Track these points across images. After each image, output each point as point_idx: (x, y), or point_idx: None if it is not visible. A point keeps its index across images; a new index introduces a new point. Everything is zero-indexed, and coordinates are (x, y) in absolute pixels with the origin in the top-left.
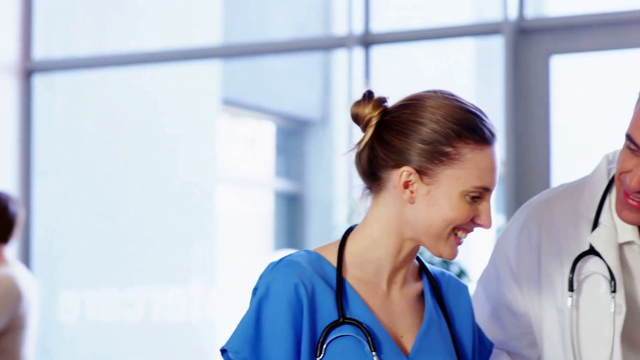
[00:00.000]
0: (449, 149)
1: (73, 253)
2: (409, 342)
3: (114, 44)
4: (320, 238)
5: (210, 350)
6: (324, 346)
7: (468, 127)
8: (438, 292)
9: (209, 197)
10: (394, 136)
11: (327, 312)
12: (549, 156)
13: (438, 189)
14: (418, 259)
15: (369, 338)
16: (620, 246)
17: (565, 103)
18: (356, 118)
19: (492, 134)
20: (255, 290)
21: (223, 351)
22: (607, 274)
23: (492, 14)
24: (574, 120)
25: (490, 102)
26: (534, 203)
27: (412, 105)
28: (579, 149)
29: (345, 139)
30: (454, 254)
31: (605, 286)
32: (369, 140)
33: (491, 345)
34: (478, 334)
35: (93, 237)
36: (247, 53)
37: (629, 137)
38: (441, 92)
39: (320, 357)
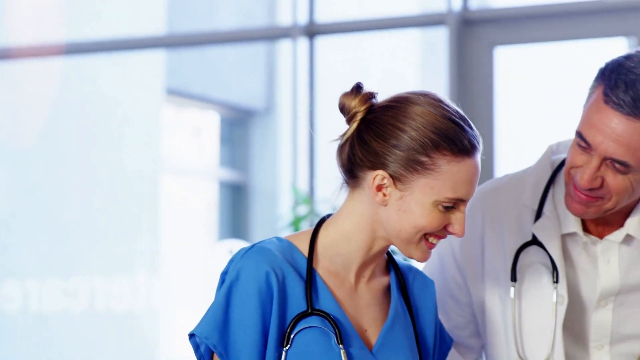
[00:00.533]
0: (424, 159)
1: (16, 242)
2: (373, 337)
3: (58, 32)
4: (265, 228)
5: (154, 339)
6: (292, 336)
7: (447, 137)
8: (404, 287)
9: (153, 186)
10: (373, 138)
11: (296, 301)
12: (492, 147)
13: (411, 196)
14: (387, 252)
15: (337, 330)
16: (563, 237)
17: (509, 94)
18: (342, 109)
19: (473, 145)
20: (224, 274)
21: (191, 335)
22: (549, 264)
23: (436, 4)
24: (518, 110)
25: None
26: (478, 193)
27: (396, 108)
28: (522, 140)
29: (289, 129)
30: (425, 258)
31: (547, 277)
32: (351, 136)
33: (451, 340)
34: (439, 329)
35: (36, 226)
36: (192, 43)
37: (579, 135)
38: (429, 95)
39: (287, 348)
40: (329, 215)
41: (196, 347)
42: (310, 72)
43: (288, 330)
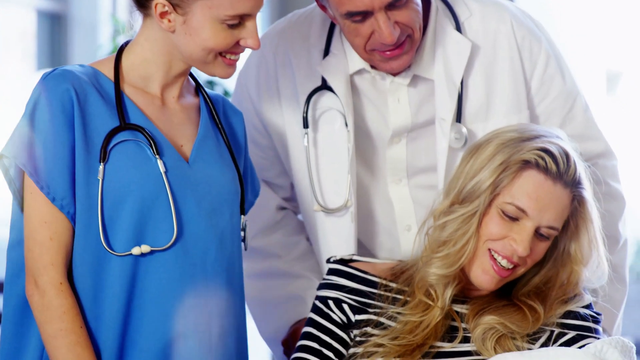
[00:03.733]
0: None
1: None
2: (188, 151)
3: None
4: (85, 57)
5: None
6: (108, 150)
7: None
8: (214, 110)
9: None
10: None
11: (102, 119)
12: None
13: (193, 19)
14: (194, 79)
15: (151, 142)
16: (353, 76)
17: None
18: None
19: None
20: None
21: None
22: (341, 108)
23: None
24: None
25: None
26: (268, 34)
27: None
28: None
29: None
30: (228, 74)
31: (340, 121)
32: None
33: (259, 187)
34: (251, 169)
35: None
36: None
37: (348, 15)
38: None
39: (105, 162)
40: (127, 42)
41: (6, 171)
42: None
43: (103, 145)
